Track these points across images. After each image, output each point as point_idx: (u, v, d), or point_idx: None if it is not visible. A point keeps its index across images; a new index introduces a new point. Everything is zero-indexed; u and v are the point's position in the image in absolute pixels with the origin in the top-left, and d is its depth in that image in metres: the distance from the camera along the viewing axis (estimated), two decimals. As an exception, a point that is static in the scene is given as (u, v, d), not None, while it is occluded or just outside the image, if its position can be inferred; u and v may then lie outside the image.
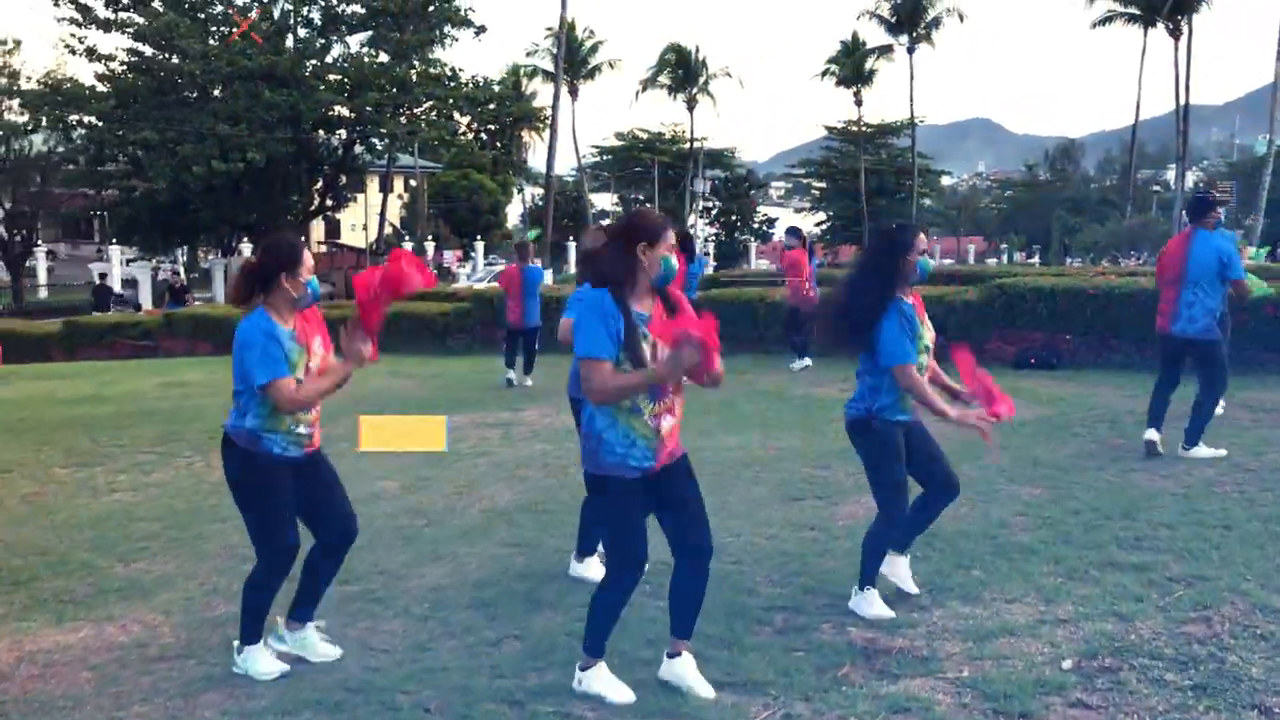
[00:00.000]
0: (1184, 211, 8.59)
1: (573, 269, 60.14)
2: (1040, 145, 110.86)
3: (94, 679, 4.78)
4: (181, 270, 50.96)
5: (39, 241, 53.47)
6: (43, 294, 51.18)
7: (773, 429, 10.05)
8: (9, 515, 7.89)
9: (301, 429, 4.73)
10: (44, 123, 42.63)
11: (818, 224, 77.38)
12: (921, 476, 5.43)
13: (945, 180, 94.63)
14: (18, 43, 48.14)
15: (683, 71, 73.22)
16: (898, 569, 5.54)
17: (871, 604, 5.27)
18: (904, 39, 68.69)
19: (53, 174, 48.79)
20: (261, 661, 4.76)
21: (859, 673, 4.57)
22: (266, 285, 4.67)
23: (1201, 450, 8.32)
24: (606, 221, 13.43)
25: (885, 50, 70.82)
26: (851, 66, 71.22)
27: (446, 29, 46.09)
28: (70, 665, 4.95)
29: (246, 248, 47.37)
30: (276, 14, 44.72)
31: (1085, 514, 6.86)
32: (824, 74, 72.70)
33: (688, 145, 75.52)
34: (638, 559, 4.41)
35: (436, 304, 20.94)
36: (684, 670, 4.49)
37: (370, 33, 45.47)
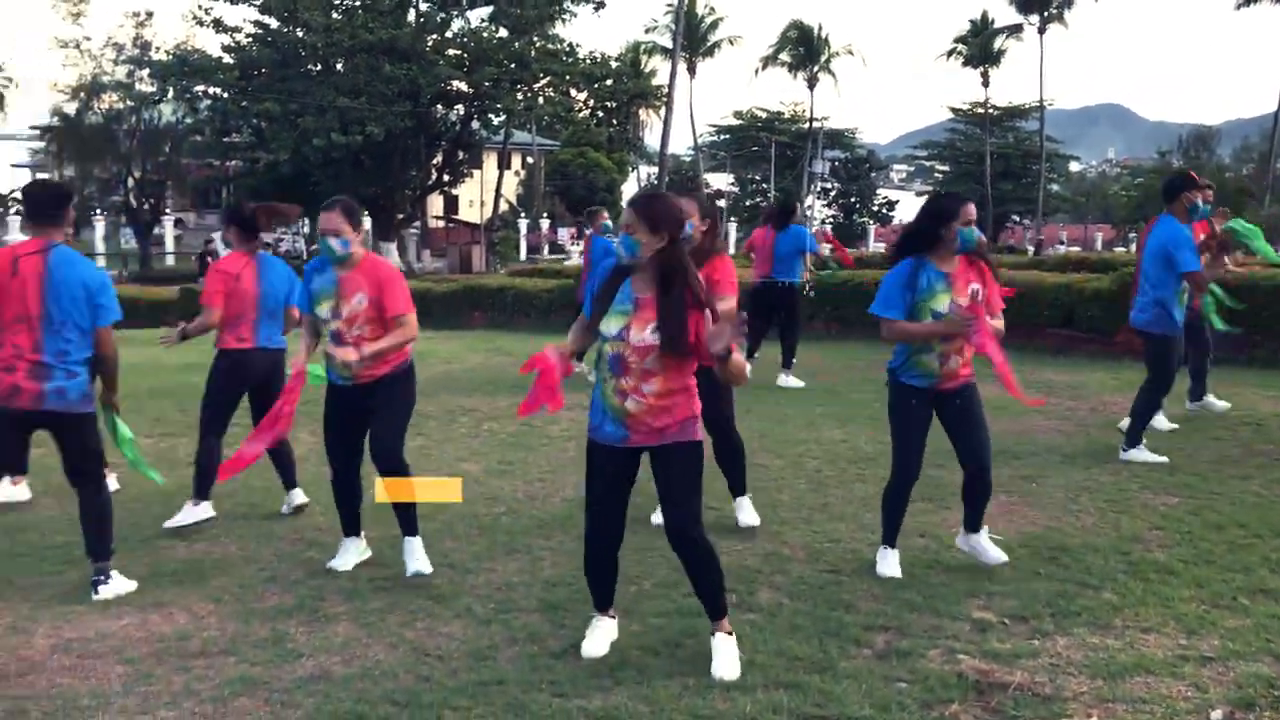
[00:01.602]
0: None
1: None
2: (1173, 132, 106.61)
3: (126, 675, 4.41)
4: (303, 241, 51.56)
5: (167, 210, 54.65)
6: (170, 261, 52.29)
7: (883, 423, 9.34)
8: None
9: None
10: (171, 93, 43.42)
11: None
12: (954, 447, 5.65)
13: (1074, 166, 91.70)
14: (150, 14, 49.18)
15: (804, 49, 71.87)
16: (974, 544, 5.65)
17: (886, 563, 5.52)
18: (1034, 18, 66.45)
19: (181, 144, 49.77)
20: None
21: (969, 712, 3.98)
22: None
23: (1140, 454, 7.82)
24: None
25: (1015, 30, 68.63)
26: (979, 46, 69.19)
27: (566, 4, 45.70)
28: (105, 658, 4.59)
29: (366, 220, 47.76)
30: (399, -13, 44.84)
31: (1230, 530, 6.13)
32: (950, 54, 70.78)
33: (807, 125, 74.21)
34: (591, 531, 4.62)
35: (543, 280, 20.63)
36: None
37: (490, 7, 45.33)
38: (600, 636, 4.62)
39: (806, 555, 5.84)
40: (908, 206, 70.67)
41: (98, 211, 52.29)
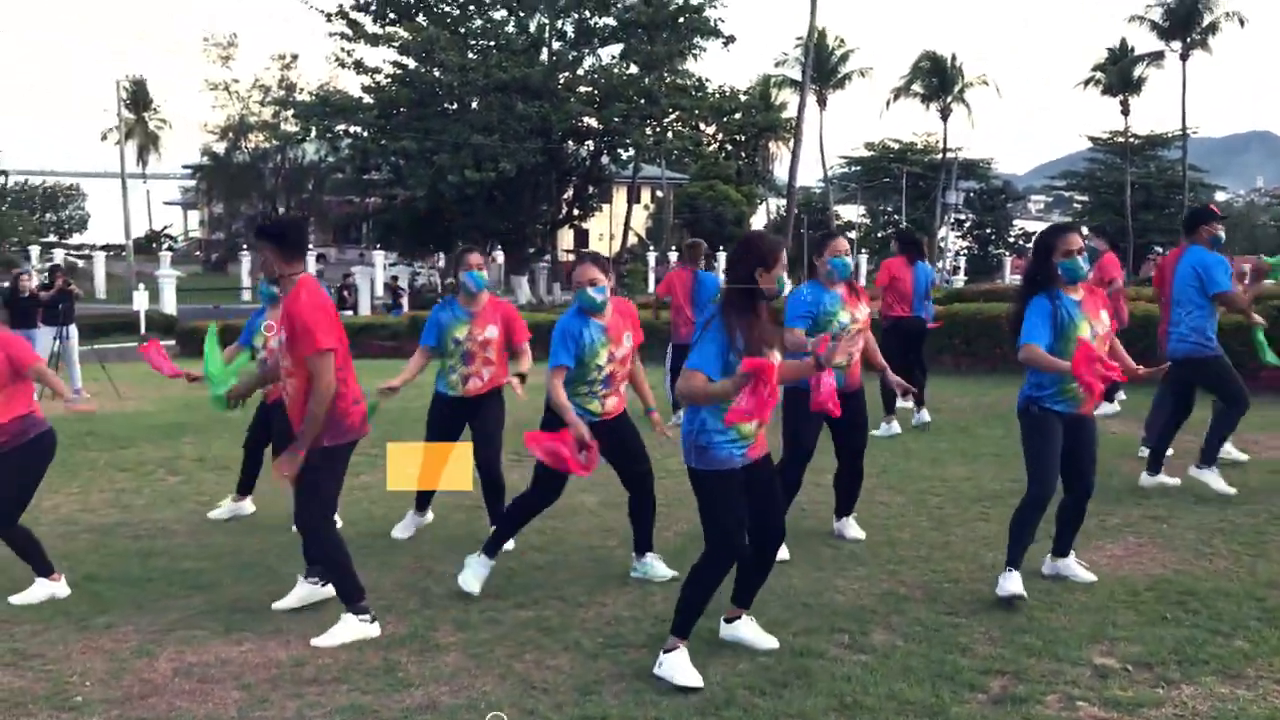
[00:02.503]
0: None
1: (817, 281, 59.16)
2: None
3: (241, 700, 4.52)
4: (438, 276, 52.74)
5: (310, 245, 56.40)
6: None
7: (1010, 460, 9.10)
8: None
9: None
10: (314, 133, 44.90)
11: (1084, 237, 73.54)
12: (1064, 472, 5.64)
13: (1219, 196, 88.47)
14: (295, 56, 51.04)
15: (937, 80, 70.99)
16: (1064, 568, 5.89)
17: (1012, 582, 5.47)
18: (1177, 45, 64.48)
19: (323, 181, 51.45)
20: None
21: (1086, 762, 3.83)
22: None
23: (1211, 476, 7.73)
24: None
25: (1156, 57, 66.72)
26: (1118, 74, 67.42)
27: (696, 40, 46.05)
28: (223, 683, 4.71)
29: (499, 255, 48.61)
30: (532, 27, 45.69)
31: (1379, 577, 5.80)
32: (1088, 82, 69.11)
33: (940, 156, 73.21)
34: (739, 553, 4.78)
35: (666, 313, 20.63)
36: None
37: (621, 45, 45.88)
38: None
39: (924, 595, 5.71)
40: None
41: (244, 248, 54.22)
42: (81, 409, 8.52)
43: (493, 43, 44.30)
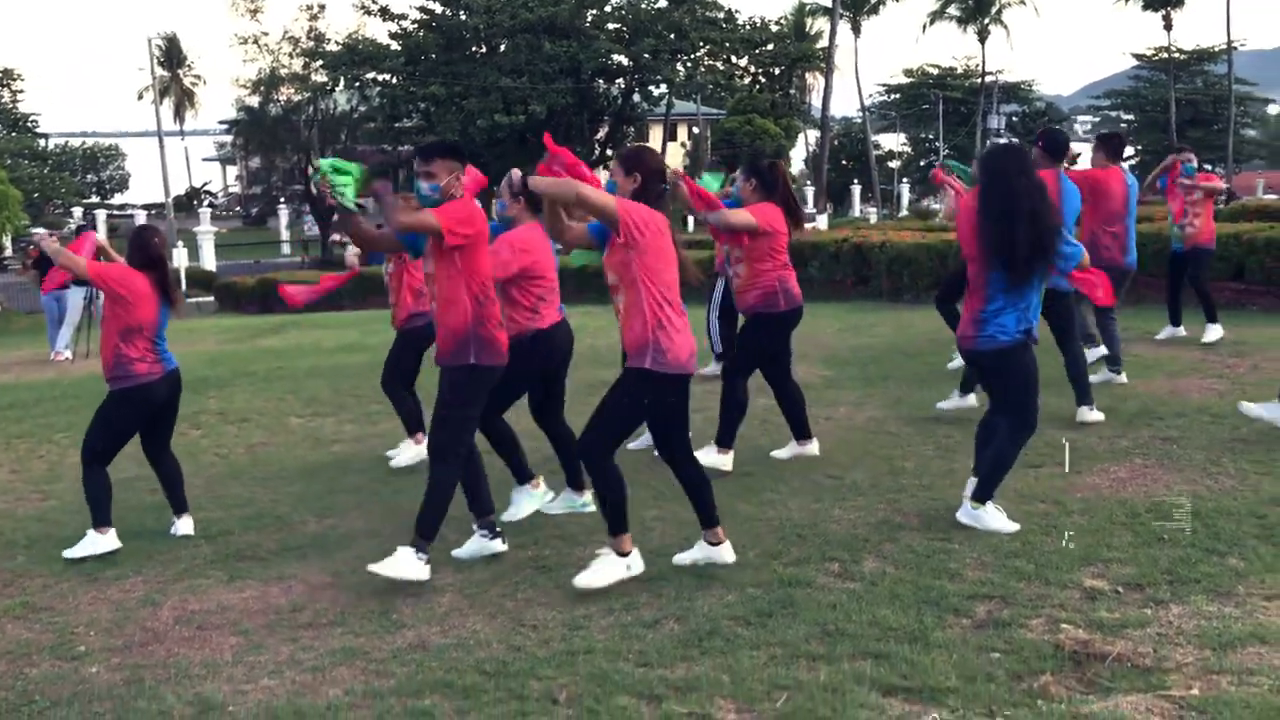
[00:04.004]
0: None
1: (855, 211, 58.65)
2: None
3: (238, 645, 4.62)
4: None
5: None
6: (350, 246, 54.02)
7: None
8: (230, 466, 8.04)
9: None
10: (342, 83, 44.91)
11: (1125, 159, 72.37)
12: None
13: (1271, 109, 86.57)
14: (322, 6, 50.84)
15: (974, 2, 69.66)
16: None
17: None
18: (1221, -47, 62.84)
19: (356, 131, 51.45)
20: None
21: (1062, 683, 3.83)
22: None
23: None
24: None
25: (1199, -33, 65.04)
26: (1159, -14, 65.81)
27: (724, -30, 45.50)
28: (222, 629, 4.82)
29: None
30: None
31: (1387, 491, 5.73)
32: (1129, -2, 67.56)
33: (980, 80, 72.01)
34: None
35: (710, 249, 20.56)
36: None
37: (649, -22, 45.42)
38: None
39: (920, 523, 5.70)
40: (1090, 159, 67.93)
41: (281, 200, 54.55)
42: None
43: (518, -18, 43.99)
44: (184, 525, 6.24)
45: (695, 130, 65.68)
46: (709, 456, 6.63)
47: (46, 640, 4.82)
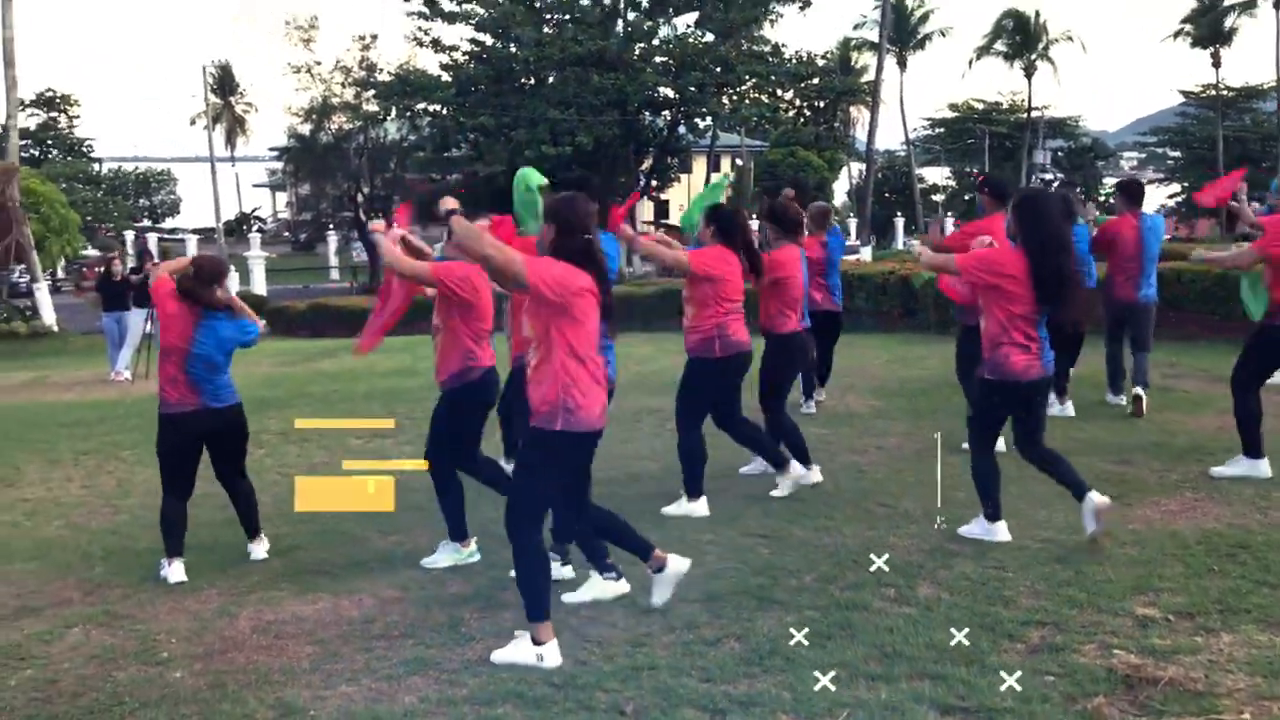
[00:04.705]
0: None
1: (899, 245, 58.63)
2: None
3: (314, 654, 4.81)
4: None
5: (394, 224, 57.20)
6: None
7: (1076, 419, 9.13)
8: (293, 484, 8.23)
9: None
10: (394, 112, 45.53)
11: (1171, 195, 71.91)
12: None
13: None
14: (374, 37, 51.60)
15: (1020, 37, 69.59)
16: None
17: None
18: (1271, -9, 62.52)
19: (405, 160, 52.05)
20: None
21: (1114, 706, 3.95)
22: None
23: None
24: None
25: (1247, 6, 64.68)
26: (1208, 25, 65.43)
27: (772, 5, 45.73)
28: (297, 638, 5.01)
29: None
30: (607, -1, 45.79)
31: None
32: (1177, 35, 67.31)
33: (1025, 115, 71.89)
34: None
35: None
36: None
37: (696, 13, 45.74)
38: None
39: (974, 551, 5.82)
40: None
41: (330, 227, 55.20)
42: None
43: (568, 16, 44.46)
44: (258, 549, 6.40)
45: (739, 162, 66.02)
46: (680, 506, 6.86)
47: (130, 646, 5.02)
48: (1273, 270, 6.83)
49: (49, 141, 66.69)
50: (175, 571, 6.03)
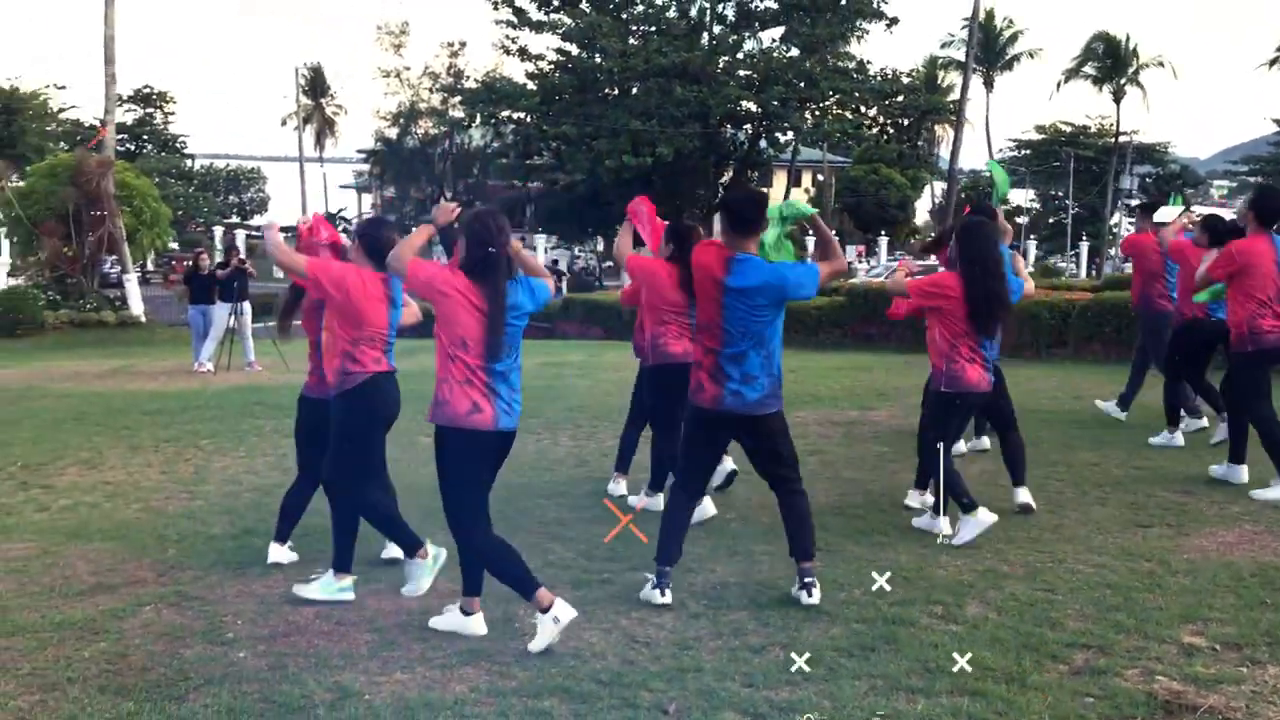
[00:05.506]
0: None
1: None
2: None
3: (372, 642, 4.98)
4: (595, 259, 53.72)
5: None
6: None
7: (1141, 447, 9.08)
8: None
9: None
10: (479, 119, 46.19)
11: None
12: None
13: None
14: (463, 44, 52.46)
15: (1110, 61, 68.70)
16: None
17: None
18: (1375, 20, 61.11)
19: (488, 166, 52.79)
20: None
21: (1152, 730, 3.98)
22: None
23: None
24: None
25: (1350, 33, 63.25)
26: (1306, 52, 64.20)
27: (859, 22, 45.69)
28: (358, 626, 5.19)
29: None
30: (693, 11, 46.00)
31: None
32: (1273, 63, 66.00)
33: (1113, 139, 70.86)
34: None
35: (823, 297, 20.74)
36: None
37: (783, 28, 45.83)
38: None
39: (1025, 573, 5.85)
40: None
41: (413, 229, 56.06)
42: None
43: (653, 28, 44.83)
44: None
45: (820, 178, 65.85)
46: (641, 499, 7.22)
47: (198, 626, 5.24)
48: None
49: (144, 137, 68.43)
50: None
